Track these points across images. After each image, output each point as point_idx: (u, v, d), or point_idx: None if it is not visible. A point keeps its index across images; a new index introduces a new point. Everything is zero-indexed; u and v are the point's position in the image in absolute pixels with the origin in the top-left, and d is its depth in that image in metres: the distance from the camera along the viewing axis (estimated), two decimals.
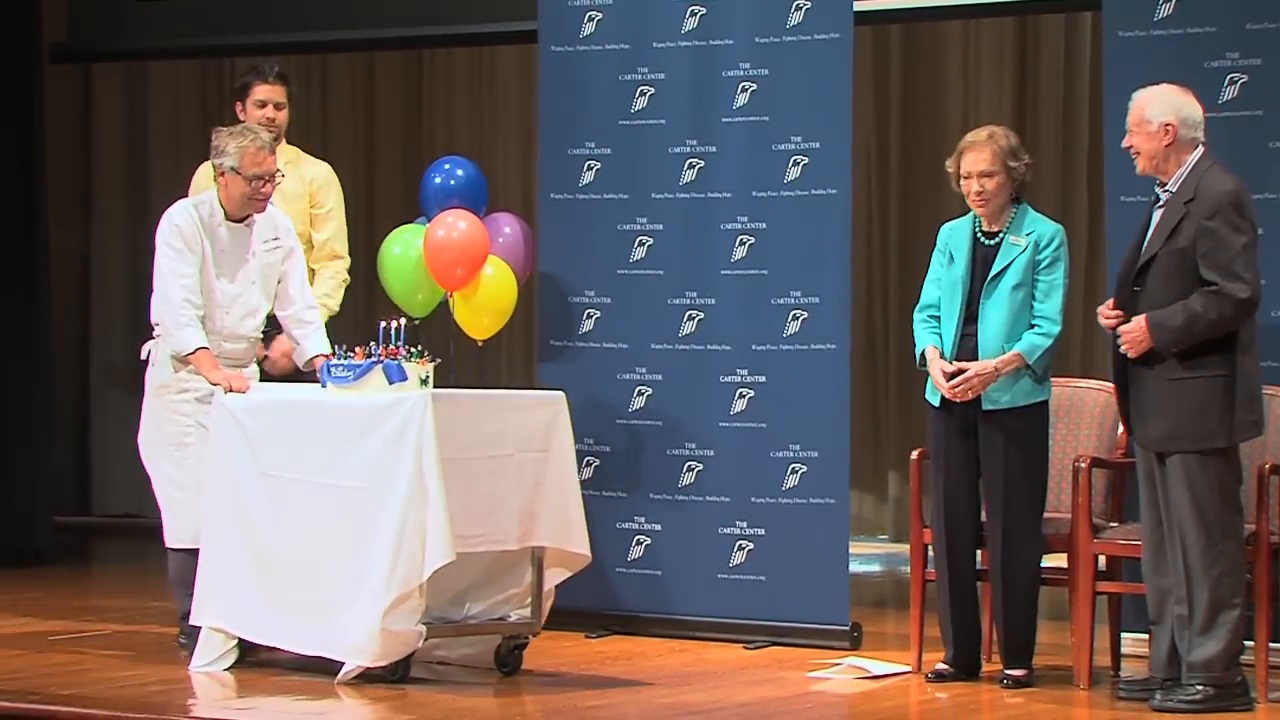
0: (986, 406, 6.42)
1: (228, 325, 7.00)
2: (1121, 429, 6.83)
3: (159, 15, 10.34)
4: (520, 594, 6.70)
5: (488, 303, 7.80)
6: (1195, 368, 6.00)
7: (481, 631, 6.70)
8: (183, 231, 6.92)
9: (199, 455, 6.88)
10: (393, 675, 6.37)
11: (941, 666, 6.63)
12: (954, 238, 6.67)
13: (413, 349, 6.50)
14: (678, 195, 7.88)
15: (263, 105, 7.73)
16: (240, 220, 7.01)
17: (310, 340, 7.13)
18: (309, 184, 7.79)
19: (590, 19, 8.02)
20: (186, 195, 7.63)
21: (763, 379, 7.60)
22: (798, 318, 7.65)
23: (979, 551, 6.66)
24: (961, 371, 6.45)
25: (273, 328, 7.26)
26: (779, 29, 7.70)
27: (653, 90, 7.93)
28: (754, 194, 7.74)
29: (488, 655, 6.72)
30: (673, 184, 7.89)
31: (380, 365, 6.47)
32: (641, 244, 7.93)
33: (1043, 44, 10.56)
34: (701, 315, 7.81)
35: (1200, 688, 6.05)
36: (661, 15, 7.89)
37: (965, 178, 6.54)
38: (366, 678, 6.40)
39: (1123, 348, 6.08)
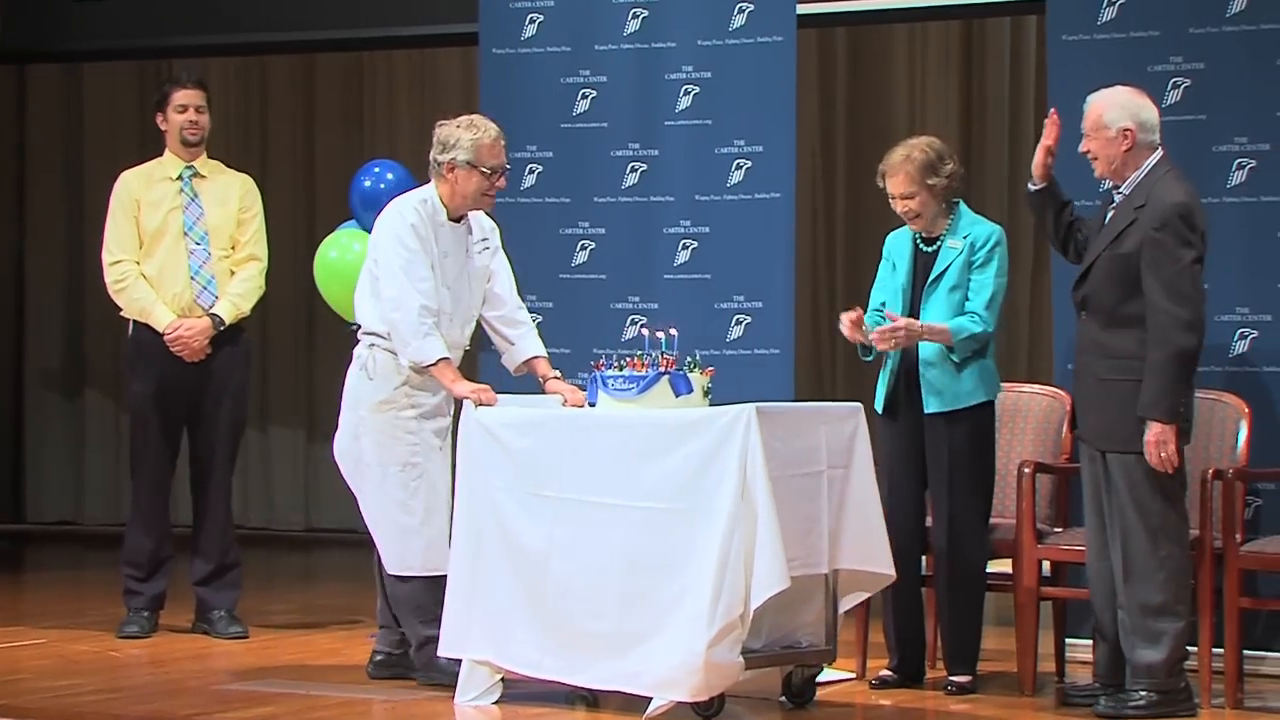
0: (928, 410, 6.46)
1: (451, 335, 6.52)
2: (1065, 433, 6.89)
3: (96, 16, 10.31)
4: (814, 619, 6.22)
5: None
6: (1124, 370, 6.04)
7: (777, 661, 6.18)
8: (418, 231, 6.40)
9: (427, 475, 6.49)
10: (708, 711, 5.87)
11: (885, 673, 6.67)
12: (896, 246, 6.72)
13: (690, 358, 6.13)
14: (620, 199, 7.90)
15: (183, 110, 7.75)
16: (458, 220, 6.56)
17: (527, 341, 6.69)
18: (238, 188, 7.86)
19: (532, 21, 8.03)
20: (109, 204, 7.63)
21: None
22: (741, 322, 7.68)
23: (924, 557, 6.71)
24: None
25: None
26: (722, 31, 7.73)
27: (595, 93, 7.95)
28: (697, 198, 7.77)
29: (774, 685, 6.25)
30: (615, 187, 7.91)
31: (666, 377, 6.06)
32: (584, 248, 7.94)
33: (988, 47, 10.63)
34: (644, 320, 7.81)
35: (1144, 694, 6.09)
36: (603, 17, 7.91)
37: (891, 198, 6.60)
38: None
39: (1155, 463, 5.98)
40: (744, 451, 5.77)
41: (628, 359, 6.11)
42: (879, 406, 6.65)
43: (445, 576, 6.41)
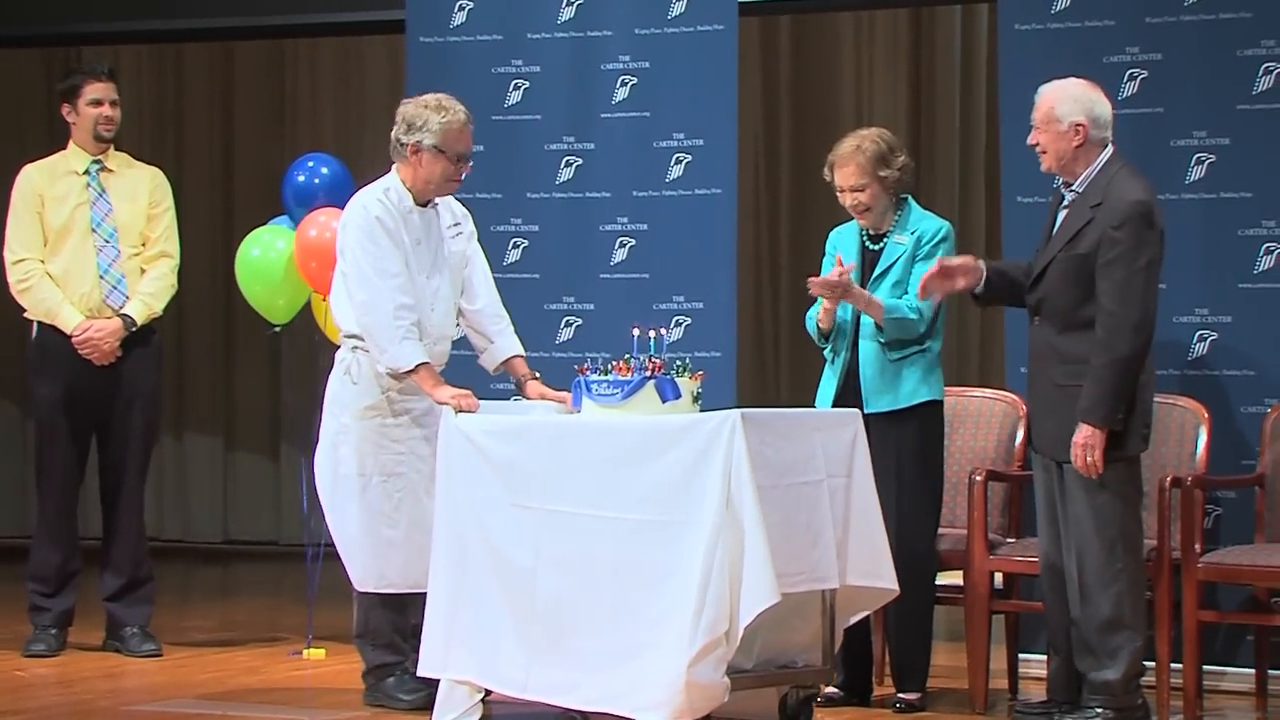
0: (870, 410, 6.45)
1: (434, 325, 6.45)
2: (1020, 439, 6.90)
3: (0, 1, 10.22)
4: (809, 637, 6.12)
5: None
6: (1079, 375, 6.04)
7: (770, 682, 6.09)
8: (384, 224, 6.31)
9: (411, 487, 6.43)
10: None
11: (831, 690, 6.66)
12: (842, 242, 6.72)
13: (680, 362, 6.06)
14: (554, 195, 7.89)
15: (98, 104, 7.71)
16: (425, 204, 6.47)
17: (506, 339, 6.63)
18: (148, 182, 7.81)
19: (461, 8, 8.02)
20: (10, 200, 7.57)
21: None
22: (681, 324, 7.67)
23: None
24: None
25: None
26: (660, 20, 7.73)
27: (527, 84, 7.93)
28: (635, 194, 7.77)
29: (771, 707, 6.16)
30: (549, 183, 7.90)
31: (652, 381, 5.99)
32: (516, 246, 7.92)
33: (938, 36, 10.66)
34: (580, 321, 7.82)
35: (1100, 711, 6.10)
36: (536, 5, 7.91)
37: (840, 191, 6.60)
38: None
39: (1079, 465, 6.03)
40: (728, 459, 5.69)
41: (614, 363, 6.04)
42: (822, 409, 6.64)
43: (410, 598, 6.41)
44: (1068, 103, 6.12)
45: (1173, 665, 6.47)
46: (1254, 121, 7.03)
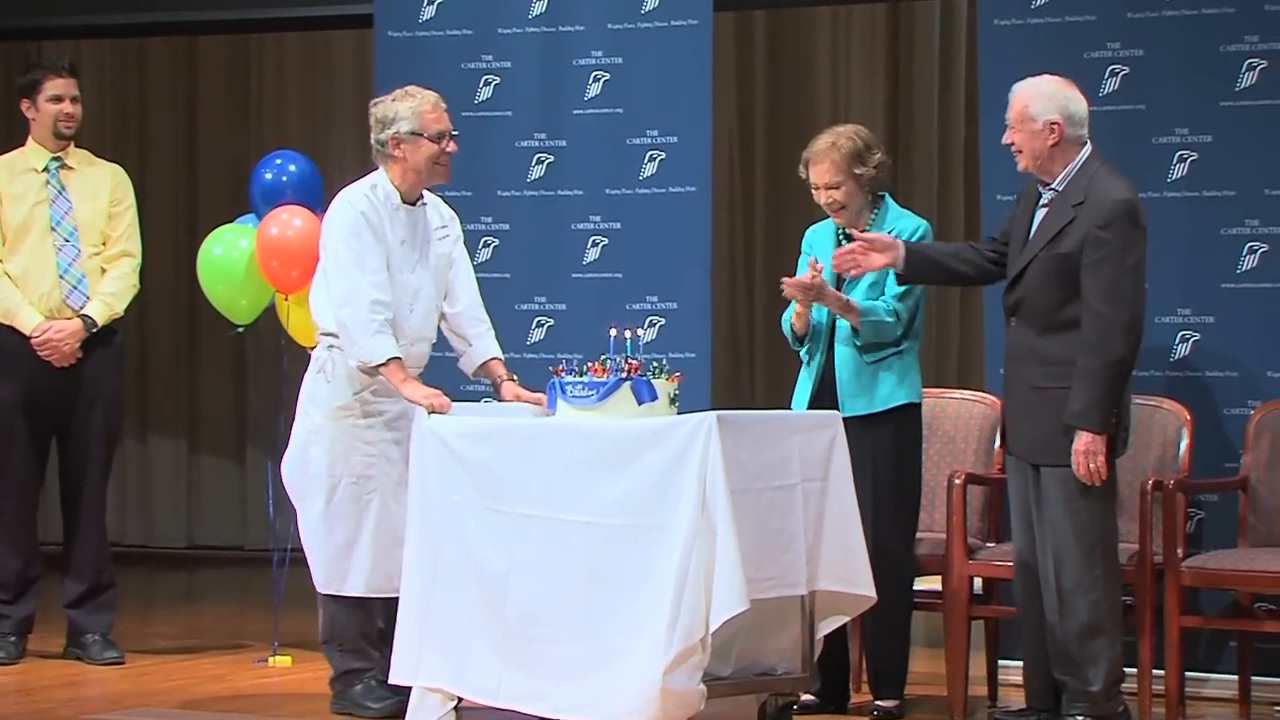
0: (846, 413, 6.43)
1: (414, 325, 6.45)
2: (999, 442, 6.90)
3: None
4: (789, 644, 6.13)
5: None
6: (1061, 377, 6.03)
7: (748, 689, 6.08)
8: (369, 219, 6.33)
9: (381, 490, 6.41)
10: None
11: (808, 698, 6.65)
12: (817, 241, 6.72)
13: (656, 363, 6.05)
14: (525, 193, 7.88)
15: (59, 100, 7.69)
16: (414, 203, 6.49)
17: (485, 341, 6.63)
18: (109, 180, 7.79)
19: (430, 2, 8.01)
20: None
21: None
22: (655, 324, 7.67)
23: None
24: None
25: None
26: (633, 15, 7.72)
27: (498, 80, 7.92)
28: (607, 191, 7.76)
29: (748, 715, 6.14)
30: (520, 181, 7.89)
31: (628, 383, 5.97)
32: (487, 245, 7.91)
33: (916, 31, 10.66)
34: (551, 322, 7.80)
35: (1081, 718, 6.11)
36: None
37: (815, 188, 6.59)
38: None
39: (1082, 473, 6.00)
40: (704, 463, 5.69)
41: (589, 364, 6.03)
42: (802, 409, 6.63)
43: (378, 602, 6.42)
44: (1042, 101, 6.11)
45: (1155, 671, 6.47)
46: (1237, 118, 7.04)
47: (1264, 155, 7.00)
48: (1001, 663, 6.99)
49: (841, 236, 6.65)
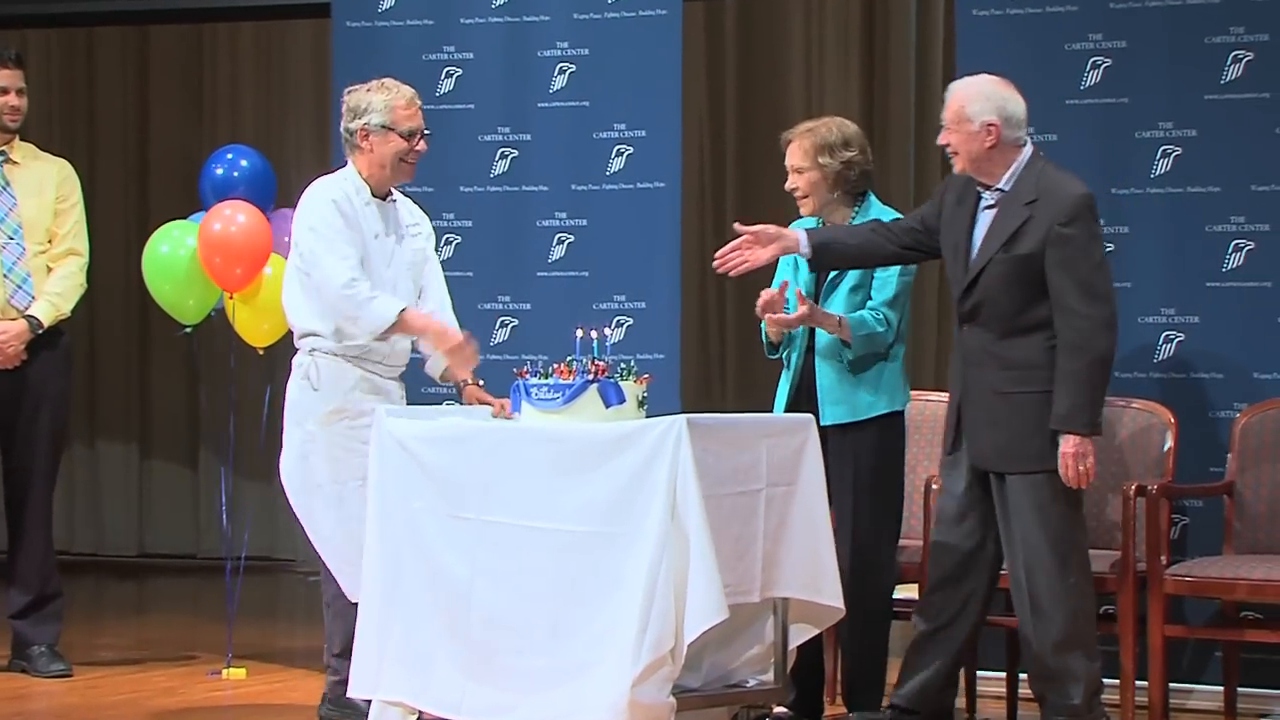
0: (825, 421, 6.44)
1: None
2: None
3: None
4: (760, 655, 6.11)
5: (270, 307, 7.74)
6: (1026, 381, 6.02)
7: (719, 701, 6.06)
8: (340, 207, 6.34)
9: None
10: None
11: (781, 710, 6.66)
12: None
13: (624, 364, 6.01)
14: (489, 188, 7.88)
15: (3, 92, 7.68)
16: (384, 197, 6.50)
17: None
18: (55, 175, 7.77)
19: None
20: None
21: None
22: (623, 324, 7.67)
23: None
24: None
25: None
26: (600, 4, 7.73)
27: (460, 71, 7.91)
28: (574, 187, 7.76)
29: None
30: (483, 176, 7.88)
31: (595, 385, 5.94)
32: (449, 243, 7.90)
33: (892, 22, 10.68)
34: (515, 322, 7.80)
35: None
36: None
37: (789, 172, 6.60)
38: None
39: (1071, 477, 6.01)
40: (674, 468, 5.66)
41: (555, 366, 6.00)
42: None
43: None
44: (979, 101, 6.09)
45: (1138, 682, 6.48)
46: (1223, 112, 7.05)
47: (1250, 150, 7.02)
48: (980, 674, 7.00)
49: None
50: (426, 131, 6.52)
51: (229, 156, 7.99)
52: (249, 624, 7.79)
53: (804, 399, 6.55)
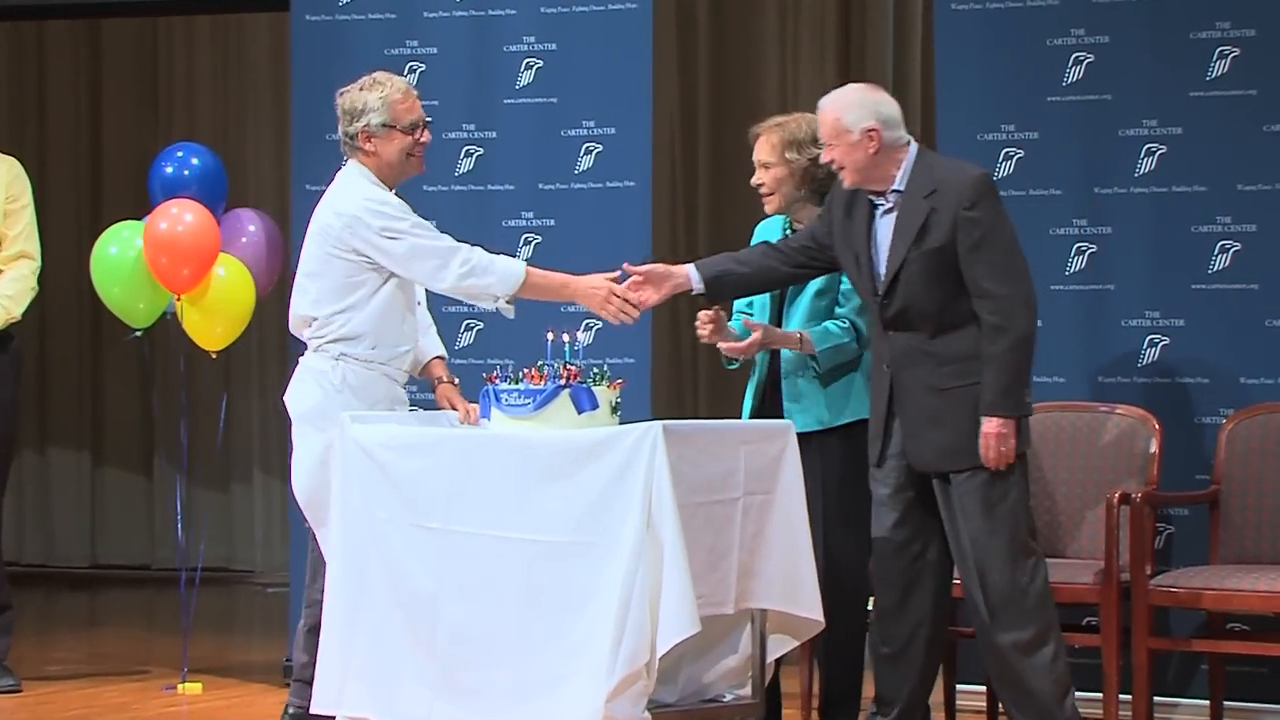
0: (796, 429, 6.41)
1: (409, 327, 6.45)
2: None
3: None
4: (738, 668, 6.10)
5: (221, 309, 7.72)
6: (965, 375, 6.01)
7: (697, 716, 6.05)
8: (400, 204, 6.34)
9: None
10: None
11: None
12: (761, 239, 6.67)
13: (597, 369, 6.01)
14: (453, 187, 7.86)
15: None
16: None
17: (429, 338, 6.61)
18: (4, 175, 7.76)
19: None
20: None
21: None
22: (591, 328, 7.63)
23: None
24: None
25: None
26: None
27: (424, 67, 7.90)
28: (541, 186, 7.75)
29: None
30: (448, 175, 7.86)
31: (567, 391, 5.93)
32: None
33: (869, 17, 10.68)
34: (481, 325, 7.79)
35: None
36: None
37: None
38: None
39: (992, 458, 6.03)
40: (649, 476, 5.64)
41: (525, 370, 5.98)
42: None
43: None
44: (854, 110, 6.09)
45: (1122, 696, 6.49)
46: (1208, 109, 7.07)
47: (1237, 148, 7.03)
48: (960, 687, 7.00)
49: (788, 231, 6.61)
50: (428, 120, 6.49)
51: (179, 154, 7.98)
52: (205, 637, 7.78)
53: (770, 407, 6.53)
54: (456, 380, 6.55)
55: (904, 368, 6.08)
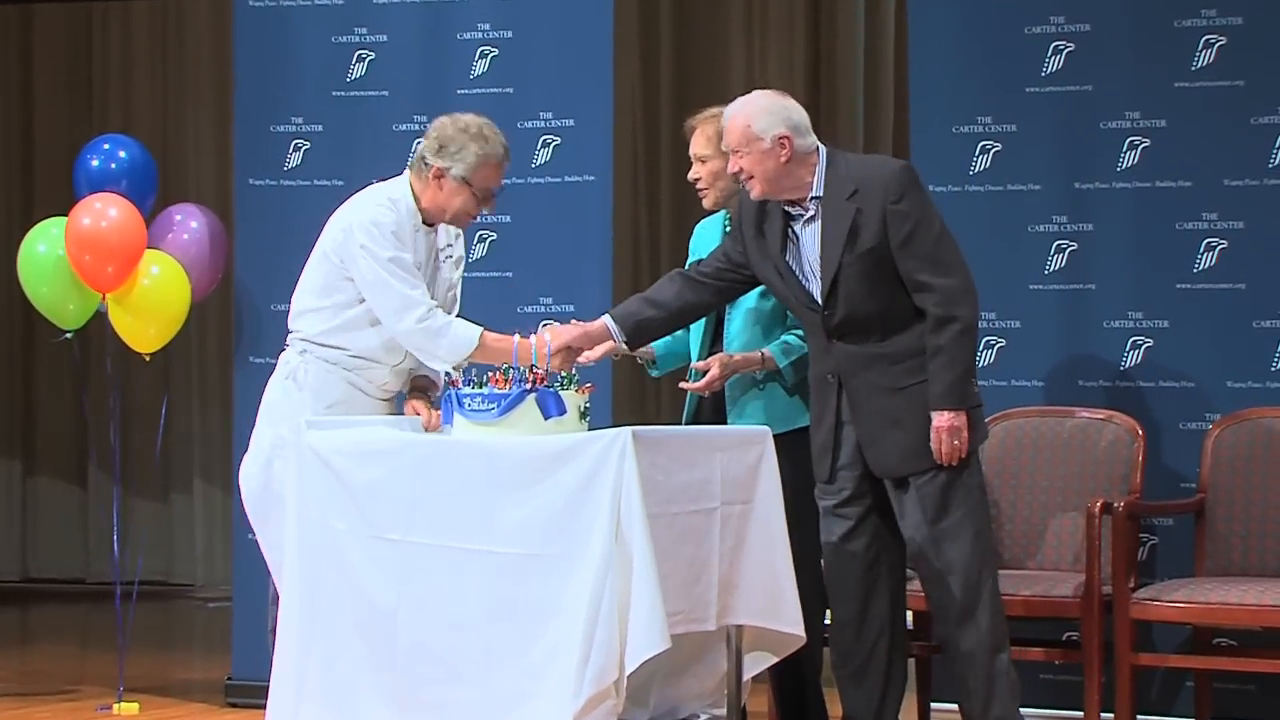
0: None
1: (388, 346, 6.43)
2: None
3: None
4: (713, 686, 6.12)
5: (152, 309, 7.70)
6: (920, 371, 6.03)
7: None
8: (399, 236, 6.36)
9: None
10: None
11: None
12: (703, 239, 6.65)
13: (565, 374, 6.01)
14: None
15: None
16: (432, 225, 6.51)
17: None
18: None
19: None
20: None
21: None
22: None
23: None
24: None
25: None
26: None
27: (373, 55, 7.89)
28: None
29: None
30: (398, 168, 7.79)
31: (533, 395, 5.92)
32: None
33: (839, 6, 10.71)
34: None
35: None
36: None
37: None
38: None
39: (945, 452, 6.07)
40: (618, 484, 5.63)
41: (489, 374, 5.96)
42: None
43: None
44: (764, 117, 6.09)
45: (1104, 715, 6.51)
46: (1193, 101, 7.10)
47: (1223, 142, 7.06)
48: (934, 705, 7.02)
49: (728, 228, 6.58)
50: (500, 189, 6.54)
51: (106, 147, 7.97)
52: (142, 654, 7.77)
53: (710, 411, 6.51)
54: (432, 395, 6.56)
55: (854, 374, 6.10)
